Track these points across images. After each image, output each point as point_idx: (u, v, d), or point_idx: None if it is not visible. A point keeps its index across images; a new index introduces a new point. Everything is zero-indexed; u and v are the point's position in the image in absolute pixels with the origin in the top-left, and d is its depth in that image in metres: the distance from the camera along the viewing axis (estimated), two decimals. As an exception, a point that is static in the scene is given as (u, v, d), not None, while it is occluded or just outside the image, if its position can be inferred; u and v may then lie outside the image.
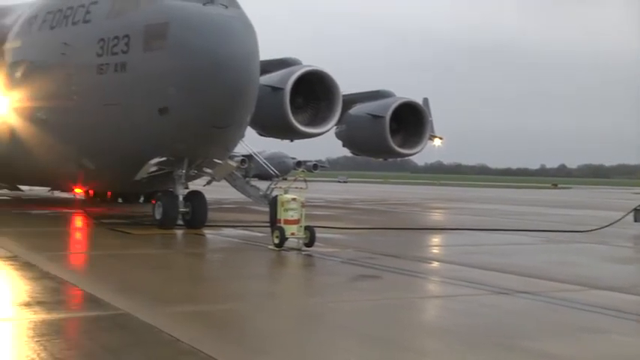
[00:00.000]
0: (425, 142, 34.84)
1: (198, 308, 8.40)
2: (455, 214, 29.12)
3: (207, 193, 18.75)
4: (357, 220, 23.60)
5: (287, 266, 12.82)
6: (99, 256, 12.95)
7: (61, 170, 20.89)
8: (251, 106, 18.08)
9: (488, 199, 46.64)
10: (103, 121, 18.28)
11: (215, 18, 16.86)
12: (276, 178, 20.65)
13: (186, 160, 17.69)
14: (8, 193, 31.21)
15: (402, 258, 13.43)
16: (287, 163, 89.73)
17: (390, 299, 9.41)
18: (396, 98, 33.63)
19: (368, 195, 50.05)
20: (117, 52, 17.59)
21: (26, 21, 21.83)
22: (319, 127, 30.75)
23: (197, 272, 12.01)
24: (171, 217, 17.37)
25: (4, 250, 12.95)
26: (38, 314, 7.60)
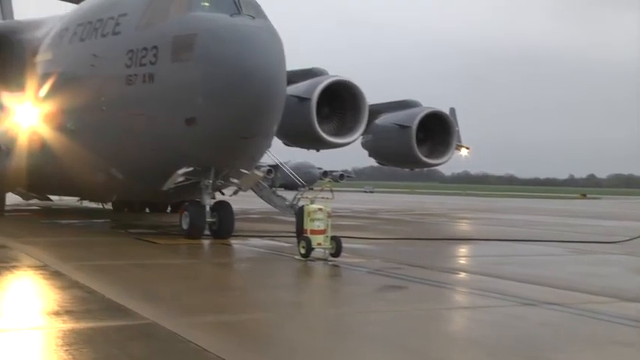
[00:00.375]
0: (452, 152, 34.70)
1: (225, 318, 8.42)
2: (482, 225, 28.90)
3: (233, 203, 18.83)
4: (383, 230, 23.52)
5: (313, 276, 12.81)
6: (126, 266, 13.04)
7: (90, 180, 21.10)
8: (278, 116, 18.14)
9: (515, 210, 46.24)
10: (130, 131, 18.46)
11: (242, 29, 16.97)
12: (302, 188, 20.66)
13: (213, 170, 17.78)
14: (38, 203, 31.60)
15: (429, 269, 13.35)
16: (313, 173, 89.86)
17: (417, 310, 9.35)
18: (423, 108, 33.55)
19: (394, 205, 49.87)
20: (145, 63, 17.78)
21: (57, 34, 22.16)
22: (345, 137, 30.76)
23: (224, 282, 12.04)
24: (199, 227, 17.45)
25: (34, 259, 13.13)
26: (67, 323, 7.67)
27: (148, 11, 18.22)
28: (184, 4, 17.59)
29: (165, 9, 17.82)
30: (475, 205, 55.08)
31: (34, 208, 30.90)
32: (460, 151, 39.92)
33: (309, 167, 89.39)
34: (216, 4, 17.44)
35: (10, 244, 15.71)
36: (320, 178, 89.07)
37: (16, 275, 11.36)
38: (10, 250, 14.70)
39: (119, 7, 19.45)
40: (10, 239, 16.63)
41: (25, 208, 30.85)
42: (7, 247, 15.08)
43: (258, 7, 18.08)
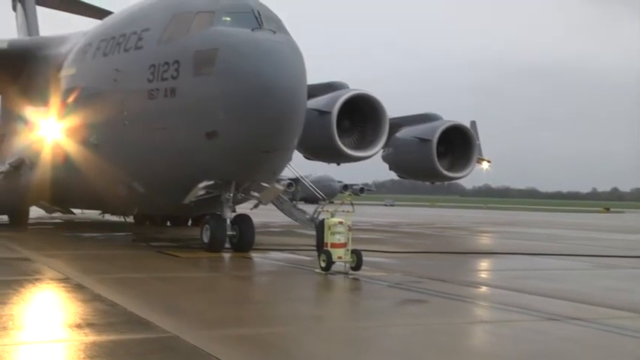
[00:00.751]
0: (473, 165, 34.57)
1: (246, 331, 8.44)
2: (503, 238, 28.70)
3: (254, 217, 18.88)
4: (404, 243, 23.45)
5: (334, 290, 12.79)
6: (148, 279, 13.11)
7: (112, 194, 21.27)
8: (298, 130, 18.20)
9: (537, 223, 45.89)
10: (152, 145, 18.60)
11: (263, 43, 17.07)
12: (322, 201, 20.68)
13: (234, 184, 17.86)
14: (61, 216, 31.91)
15: (450, 282, 13.29)
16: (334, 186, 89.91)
17: (437, 324, 9.31)
18: (444, 121, 33.50)
19: (415, 218, 49.72)
20: (167, 77, 17.93)
21: (81, 49, 22.44)
22: (366, 150, 30.78)
23: (244, 295, 12.06)
24: (219, 240, 17.52)
25: (56, 272, 13.24)
26: (89, 336, 7.73)
27: (170, 26, 18.40)
28: (206, 19, 17.74)
29: (187, 24, 17.99)
30: (496, 218, 54.74)
31: (57, 222, 31.20)
32: (481, 164, 39.73)
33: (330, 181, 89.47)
34: (237, 19, 17.57)
35: (34, 256, 15.88)
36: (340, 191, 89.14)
37: (39, 288, 11.47)
38: (34, 262, 14.85)
39: (142, 22, 19.67)
40: (33, 252, 16.81)
41: (48, 221, 31.15)
42: (30, 260, 15.24)
43: (279, 22, 18.20)
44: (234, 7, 17.90)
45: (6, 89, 27.57)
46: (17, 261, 15.16)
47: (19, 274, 12.94)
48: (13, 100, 26.87)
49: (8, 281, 11.85)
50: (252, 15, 17.55)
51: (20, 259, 15.43)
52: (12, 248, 17.93)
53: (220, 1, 18.04)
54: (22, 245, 18.61)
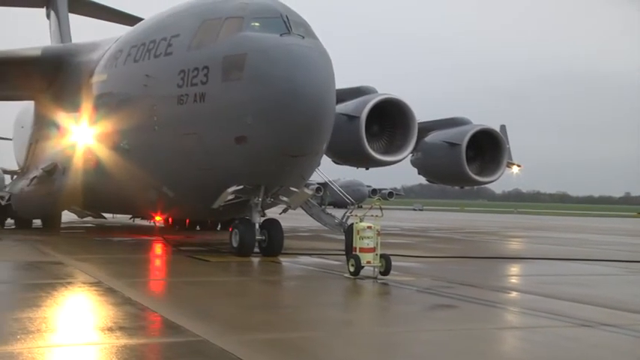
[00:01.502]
0: (502, 169, 34.30)
1: (275, 335, 8.45)
2: (534, 243, 28.42)
3: (283, 221, 18.92)
4: (433, 248, 23.33)
5: (363, 294, 12.76)
6: (177, 283, 13.20)
7: (142, 198, 21.48)
8: (327, 135, 18.21)
9: (569, 228, 45.37)
10: (182, 150, 18.73)
11: (292, 48, 17.11)
12: (351, 206, 20.61)
13: (263, 189, 17.92)
14: (93, 220, 32.29)
15: (480, 287, 13.18)
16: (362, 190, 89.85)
17: (467, 329, 9.23)
18: (473, 125, 33.30)
19: (444, 223, 49.44)
20: (196, 82, 18.05)
21: (112, 55, 22.70)
22: (395, 155, 30.70)
23: (273, 300, 12.08)
24: (248, 244, 17.57)
25: (88, 276, 13.39)
26: (120, 339, 7.80)
27: (200, 32, 18.54)
28: (235, 25, 17.84)
29: (216, 29, 18.11)
30: (526, 223, 54.23)
31: (89, 226, 31.56)
32: (511, 168, 39.44)
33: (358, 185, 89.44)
34: (266, 24, 17.65)
35: (66, 260, 16.08)
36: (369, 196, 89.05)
37: (72, 291, 11.61)
38: (66, 266, 15.04)
39: (172, 28, 19.85)
40: (65, 256, 17.02)
41: (80, 225, 31.53)
42: (62, 264, 15.43)
43: (307, 27, 18.24)
44: (263, 12, 17.98)
45: (39, 95, 28.02)
46: (50, 265, 15.36)
47: (51, 278, 13.13)
48: (46, 105, 27.29)
49: (41, 284, 12.02)
50: (281, 20, 17.62)
51: (53, 263, 15.64)
52: (45, 252, 18.17)
53: (249, 7, 18.14)
54: (54, 249, 18.86)
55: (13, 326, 8.33)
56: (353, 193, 64.78)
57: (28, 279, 13.72)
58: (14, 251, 18.71)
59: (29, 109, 30.91)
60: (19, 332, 8.00)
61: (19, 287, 12.70)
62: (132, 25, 26.36)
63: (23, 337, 7.79)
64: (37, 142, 28.65)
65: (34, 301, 10.17)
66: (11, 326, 8.34)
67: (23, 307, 9.75)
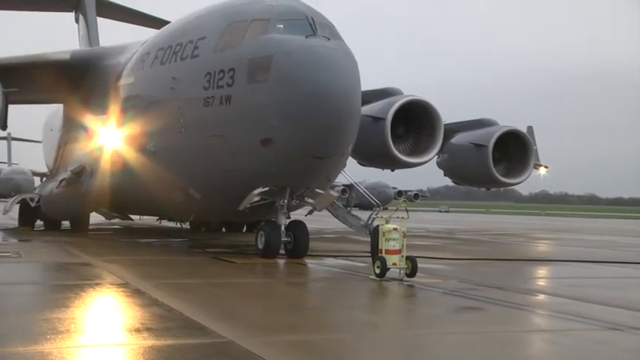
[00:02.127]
0: (529, 171, 34.03)
1: (301, 337, 8.45)
2: (562, 246, 28.14)
3: (308, 223, 18.93)
4: (459, 250, 23.20)
5: (388, 297, 12.73)
6: (203, 285, 13.26)
7: (169, 200, 21.60)
8: (353, 136, 18.19)
9: (597, 230, 44.86)
10: (208, 152, 18.81)
11: (317, 50, 17.12)
12: (377, 207, 20.57)
13: (289, 190, 17.94)
14: (120, 222, 32.58)
15: (507, 290, 13.07)
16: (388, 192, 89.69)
17: (495, 332, 9.16)
18: (499, 127, 33.09)
19: (470, 225, 49.15)
20: (222, 85, 18.13)
21: (139, 58, 22.88)
22: (420, 156, 30.60)
23: (299, 301, 12.10)
24: (274, 246, 17.61)
25: (115, 277, 13.51)
26: (147, 340, 7.86)
27: (226, 34, 18.62)
28: (261, 27, 17.89)
29: (242, 32, 18.17)
30: (554, 225, 53.72)
31: (116, 227, 31.85)
32: (538, 170, 39.10)
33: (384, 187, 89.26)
34: (291, 26, 17.67)
35: (94, 262, 16.24)
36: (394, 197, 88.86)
37: (99, 292, 11.72)
38: (94, 268, 15.19)
39: (198, 30, 19.96)
40: (93, 257, 17.19)
41: (108, 227, 31.84)
42: (90, 265, 15.59)
43: (333, 28, 18.24)
44: (289, 14, 18.01)
45: (68, 98, 28.35)
46: (78, 266, 15.53)
47: (80, 279, 13.27)
48: (74, 108, 27.61)
49: (70, 285, 12.16)
50: (307, 22, 17.63)
51: (81, 264, 15.80)
52: (73, 253, 18.37)
53: (275, 9, 18.18)
54: (82, 250, 19.06)
55: (43, 326, 8.44)
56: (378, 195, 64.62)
57: (57, 280, 13.88)
58: (43, 252, 18.94)
59: (58, 112, 31.30)
60: (49, 332, 8.10)
61: (49, 288, 12.85)
62: (159, 28, 26.57)
63: (53, 337, 7.89)
64: (66, 144, 29.00)
65: (63, 302, 10.29)
66: (41, 326, 8.45)
67: (52, 307, 9.86)
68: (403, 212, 15.42)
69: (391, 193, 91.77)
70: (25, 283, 13.30)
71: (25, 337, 7.94)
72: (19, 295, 11.51)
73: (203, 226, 29.85)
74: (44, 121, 36.56)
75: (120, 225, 33.10)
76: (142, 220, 34.03)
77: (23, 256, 17.62)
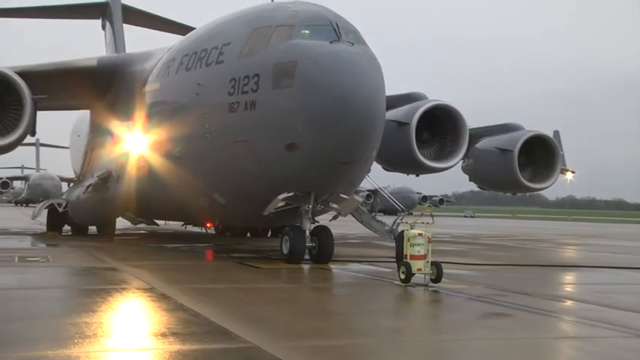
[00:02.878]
0: (556, 176, 33.68)
1: (326, 342, 8.44)
2: (589, 251, 27.82)
3: (332, 228, 18.92)
4: (485, 255, 23.03)
5: (413, 302, 12.67)
6: (229, 290, 13.30)
7: (194, 205, 21.71)
8: (377, 141, 18.16)
9: (625, 236, 44.30)
10: (233, 157, 18.88)
11: (341, 55, 17.13)
12: (401, 213, 20.50)
13: (313, 196, 17.95)
14: (145, 227, 32.81)
15: (534, 296, 12.95)
16: (412, 197, 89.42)
17: (522, 339, 9.08)
18: (525, 131, 32.81)
19: (496, 230, 48.79)
20: (247, 90, 18.20)
21: (164, 64, 23.05)
22: (445, 161, 30.45)
23: (324, 307, 12.09)
24: (299, 251, 17.62)
25: (141, 281, 13.61)
26: (173, 345, 7.90)
27: (250, 40, 18.69)
28: (285, 33, 17.95)
29: (267, 37, 18.23)
30: (581, 230, 53.16)
31: (142, 232, 32.08)
32: (565, 174, 38.67)
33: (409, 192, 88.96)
34: (316, 31, 17.71)
35: (120, 266, 16.37)
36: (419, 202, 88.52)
37: (126, 297, 11.81)
38: (120, 272, 15.30)
39: (223, 36, 20.07)
40: (120, 262, 17.33)
41: (134, 232, 32.07)
42: (117, 270, 15.71)
43: (357, 34, 18.25)
44: (313, 19, 18.06)
45: (95, 104, 28.65)
46: (105, 271, 15.66)
47: (106, 284, 13.37)
48: (101, 114, 27.90)
49: (97, 290, 12.27)
50: (331, 27, 17.66)
51: (108, 269, 15.93)
52: (100, 258, 18.53)
53: (299, 15, 18.23)
54: (109, 255, 19.22)
55: (71, 330, 8.53)
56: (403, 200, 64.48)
57: (84, 284, 14.00)
58: (71, 257, 19.13)
59: (85, 118, 31.63)
60: (77, 336, 8.18)
61: (76, 292, 12.98)
62: (184, 34, 26.75)
63: (80, 341, 7.96)
64: (93, 150, 29.29)
65: (90, 306, 10.38)
66: (69, 330, 8.53)
67: (80, 311, 9.96)
68: (428, 217, 15.35)
69: (416, 198, 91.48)
70: (53, 287, 13.45)
71: (54, 340, 8.02)
72: (48, 299, 11.63)
73: (228, 231, 29.96)
74: (71, 127, 36.96)
75: (145, 230, 33.33)
76: (168, 225, 34.22)
77: (51, 260, 17.82)
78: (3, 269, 15.56)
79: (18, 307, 10.53)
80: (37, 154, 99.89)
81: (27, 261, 17.42)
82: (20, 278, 14.38)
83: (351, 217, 20.23)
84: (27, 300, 11.33)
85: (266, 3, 20.76)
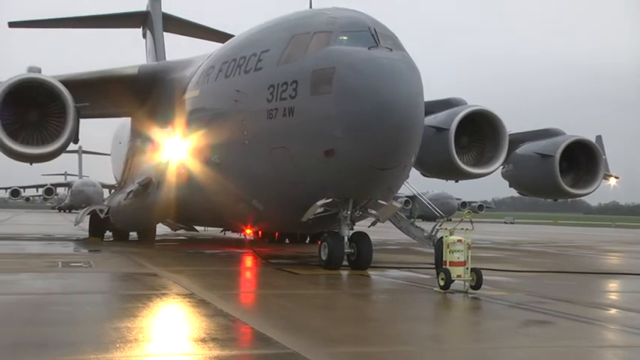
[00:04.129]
0: (598, 181, 33.12)
1: (365, 349, 8.41)
2: (634, 258, 27.29)
3: (371, 234, 18.87)
4: (525, 262, 22.74)
5: (453, 309, 12.55)
6: (267, 295, 13.35)
7: (233, 211, 21.84)
8: (415, 147, 18.08)
9: (671, 242, 43.31)
10: (271, 164, 18.94)
11: (380, 61, 17.10)
12: (440, 219, 20.36)
13: (352, 202, 17.93)
14: (185, 233, 33.12)
15: (576, 303, 12.74)
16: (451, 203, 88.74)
17: (564, 347, 8.93)
18: (567, 136, 32.35)
19: (536, 236, 48.15)
20: (286, 97, 18.26)
21: (204, 71, 23.27)
22: (485, 167, 30.16)
23: (362, 313, 12.05)
24: (337, 257, 17.60)
25: (181, 287, 13.72)
26: (213, 350, 7.95)
27: (289, 47, 18.76)
28: (323, 39, 17.98)
29: (305, 44, 18.28)
30: (625, 237, 52.17)
31: (181, 238, 32.38)
32: (608, 180, 38.02)
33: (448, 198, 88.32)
34: (354, 37, 17.71)
35: (161, 272, 16.54)
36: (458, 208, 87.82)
37: (166, 302, 11.92)
38: (160, 278, 15.46)
39: (261, 43, 20.18)
40: (160, 268, 17.51)
41: (173, 238, 32.39)
42: (157, 276, 15.88)
43: (395, 39, 18.20)
44: (351, 26, 18.07)
45: (136, 112, 29.06)
46: (145, 276, 15.84)
47: (147, 289, 13.53)
48: (141, 121, 28.27)
49: (138, 295, 12.41)
50: (369, 33, 17.65)
51: (148, 275, 16.11)
52: (141, 264, 18.75)
53: (338, 21, 18.25)
54: (149, 261, 19.44)
55: (113, 335, 8.64)
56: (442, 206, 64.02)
57: (125, 290, 14.18)
58: (112, 263, 19.40)
59: (126, 125, 32.09)
60: (118, 341, 8.29)
61: (117, 297, 13.15)
62: (223, 41, 26.99)
63: (122, 345, 8.06)
64: (133, 157, 29.68)
65: (132, 311, 10.51)
66: (111, 335, 8.65)
67: (121, 316, 10.09)
68: (468, 223, 15.22)
69: (455, 204, 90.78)
70: (96, 292, 13.65)
71: (97, 345, 8.13)
72: (90, 304, 11.80)
73: (266, 237, 30.08)
74: (113, 134, 37.53)
75: (185, 236, 33.63)
76: (207, 231, 34.50)
77: (93, 266, 18.11)
78: (47, 274, 15.85)
79: (62, 312, 10.71)
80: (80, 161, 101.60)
81: (70, 266, 17.73)
82: (64, 283, 14.64)
83: (390, 224, 20.16)
84: (70, 304, 11.51)
85: (304, 10, 20.84)
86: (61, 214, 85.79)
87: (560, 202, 42.07)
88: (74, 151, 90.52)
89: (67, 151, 29.16)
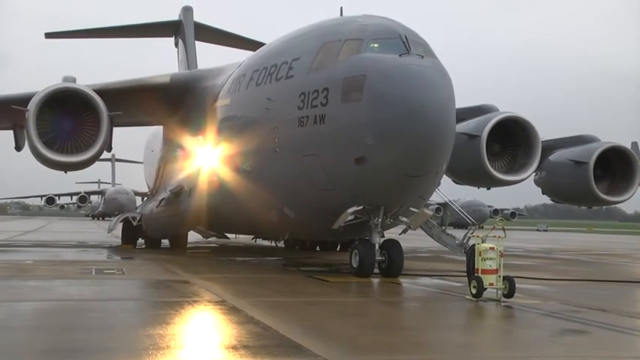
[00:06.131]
0: (635, 188, 32.59)
1: (396, 357, 8.37)
2: (670, 267, 26.77)
3: (402, 242, 18.79)
4: (559, 270, 22.45)
5: (485, 317, 12.44)
6: (298, 303, 13.35)
7: (264, 219, 21.89)
8: (447, 154, 17.98)
9: None
10: (302, 171, 18.95)
11: (411, 68, 17.05)
12: (472, 226, 20.22)
13: (383, 209, 17.87)
14: (217, 240, 33.30)
15: (612, 312, 12.54)
16: (483, 211, 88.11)
17: (599, 357, 8.79)
18: (601, 143, 31.92)
19: (570, 244, 47.54)
20: (316, 104, 18.28)
21: (235, 79, 23.41)
22: (517, 174, 29.88)
23: (394, 321, 12.00)
24: (368, 265, 17.55)
25: (212, 294, 13.79)
26: (244, 357, 7.96)
27: (320, 54, 18.79)
28: (354, 46, 17.98)
29: (336, 51, 18.30)
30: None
31: (213, 246, 32.55)
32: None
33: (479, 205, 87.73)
34: (385, 45, 17.68)
35: (192, 279, 16.64)
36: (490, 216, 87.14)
37: (197, 309, 11.98)
38: (192, 285, 15.55)
39: (292, 51, 20.25)
40: (191, 275, 17.62)
41: (205, 245, 32.58)
42: (189, 283, 15.97)
43: (427, 46, 18.14)
44: (382, 33, 18.05)
45: (168, 120, 29.31)
46: (177, 283, 15.94)
47: (179, 296, 13.62)
48: (173, 130, 28.52)
49: (170, 302, 12.50)
50: (400, 40, 17.61)
51: (180, 282, 16.21)
52: (172, 271, 18.88)
53: (369, 28, 18.24)
54: (181, 268, 19.56)
55: (146, 342, 8.71)
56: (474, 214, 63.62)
57: (157, 297, 14.29)
58: (144, 270, 19.57)
59: (158, 133, 32.39)
60: (151, 348, 8.35)
61: (150, 304, 13.26)
62: (254, 49, 27.12)
63: (154, 352, 8.12)
64: (165, 165, 29.95)
65: (164, 318, 10.59)
66: (144, 342, 8.72)
67: (154, 323, 10.17)
68: (500, 231, 15.08)
69: (486, 211, 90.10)
70: (128, 299, 13.78)
71: (129, 351, 8.20)
72: (123, 311, 11.91)
73: (297, 244, 30.11)
74: (145, 142, 37.90)
75: (216, 243, 33.81)
76: (238, 239, 34.65)
77: (126, 273, 18.28)
78: (81, 281, 16.04)
79: (95, 318, 10.83)
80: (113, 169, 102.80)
81: (103, 273, 17.93)
82: (97, 290, 14.79)
83: (421, 231, 20.05)
84: (104, 311, 11.64)
85: (335, 17, 20.86)
86: (94, 222, 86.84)
87: (594, 209, 41.51)
88: (107, 160, 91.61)
89: (101, 160, 29.51)
